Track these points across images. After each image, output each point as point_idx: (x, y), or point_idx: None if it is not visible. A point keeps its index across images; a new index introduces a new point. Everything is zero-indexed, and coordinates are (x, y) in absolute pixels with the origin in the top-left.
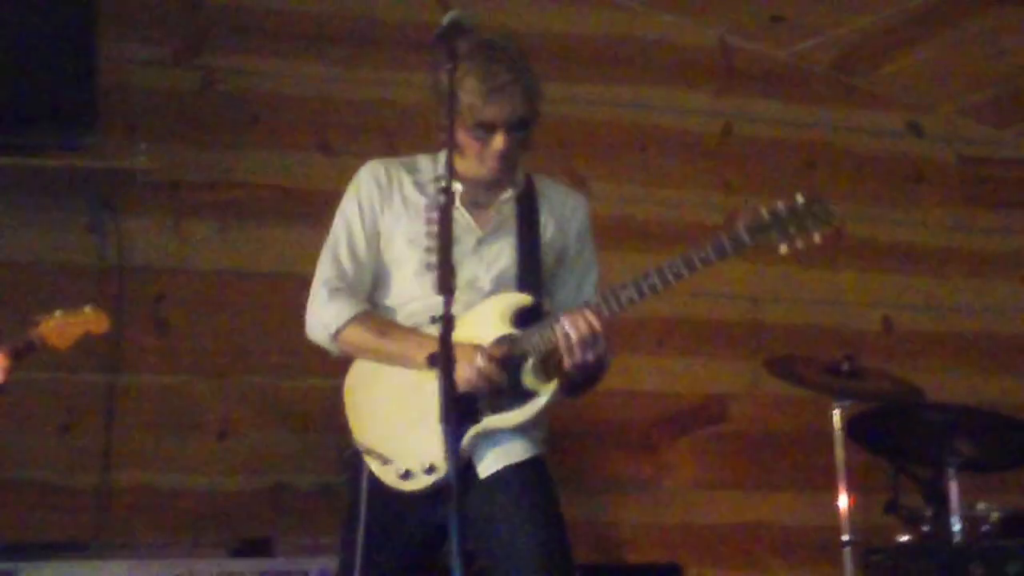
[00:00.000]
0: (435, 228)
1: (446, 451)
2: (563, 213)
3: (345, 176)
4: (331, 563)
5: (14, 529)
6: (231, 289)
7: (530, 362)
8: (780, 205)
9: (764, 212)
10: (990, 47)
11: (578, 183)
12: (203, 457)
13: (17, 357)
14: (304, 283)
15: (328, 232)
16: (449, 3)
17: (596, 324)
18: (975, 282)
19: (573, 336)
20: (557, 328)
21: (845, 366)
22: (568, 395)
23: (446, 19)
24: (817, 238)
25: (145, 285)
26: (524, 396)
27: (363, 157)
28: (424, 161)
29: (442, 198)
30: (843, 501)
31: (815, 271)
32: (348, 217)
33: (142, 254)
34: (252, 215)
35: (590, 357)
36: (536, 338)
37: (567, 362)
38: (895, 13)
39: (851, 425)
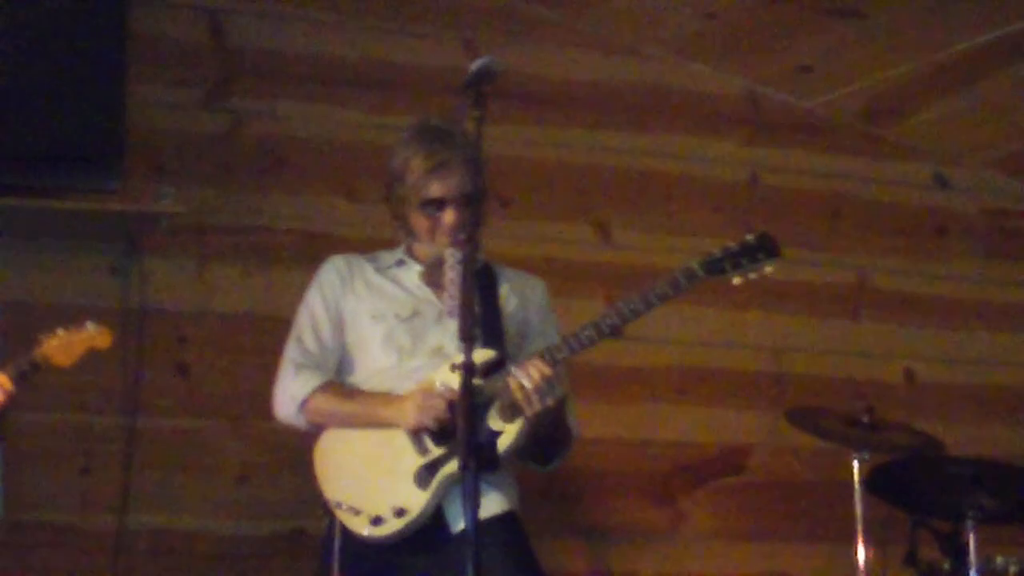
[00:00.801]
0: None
1: (432, 502)
2: (523, 290)
3: (370, 222)
4: None
5: (31, 571)
6: (253, 333)
7: (495, 406)
8: (731, 243)
9: (716, 249)
10: (1017, 99)
11: (601, 231)
12: (222, 501)
13: (22, 379)
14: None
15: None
16: (477, 50)
17: (547, 370)
18: (998, 335)
19: (527, 384)
20: (511, 379)
21: (866, 418)
22: (535, 463)
23: (475, 66)
24: (768, 270)
25: (167, 328)
26: (492, 436)
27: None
28: (385, 254)
29: (459, 254)
30: (861, 554)
31: (837, 322)
32: (311, 305)
33: (165, 297)
34: (276, 259)
35: (548, 403)
36: (498, 384)
37: (526, 411)
38: (922, 65)
39: (871, 477)
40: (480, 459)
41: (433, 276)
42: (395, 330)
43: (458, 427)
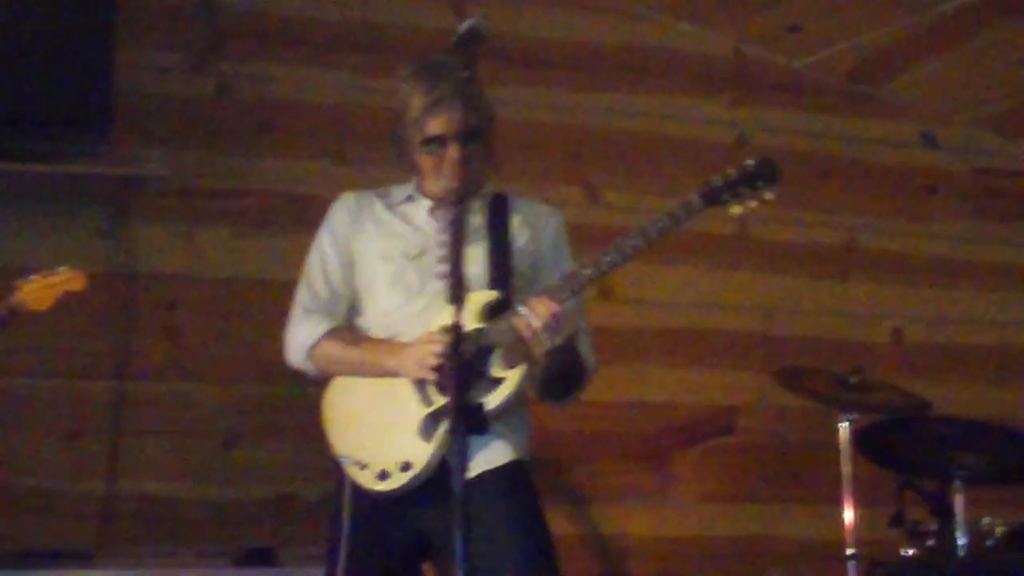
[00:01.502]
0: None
1: (438, 454)
2: (535, 223)
3: (359, 184)
4: None
5: (19, 537)
6: (242, 297)
7: (498, 352)
8: (730, 168)
9: (715, 176)
10: (1005, 58)
11: (591, 192)
12: (209, 466)
13: (1, 326)
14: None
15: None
16: (466, 11)
17: (555, 307)
18: (986, 295)
19: (534, 323)
20: (518, 318)
21: (853, 379)
22: (552, 399)
23: (463, 26)
24: (768, 196)
25: (156, 292)
26: (494, 384)
27: (377, 166)
28: (396, 189)
29: (452, 211)
30: (849, 514)
31: (825, 282)
32: (321, 246)
33: (154, 261)
34: (265, 223)
35: (556, 341)
36: (502, 327)
37: (534, 350)
38: (910, 24)
39: (858, 438)
40: (468, 422)
41: (443, 211)
42: (403, 269)
43: (447, 389)
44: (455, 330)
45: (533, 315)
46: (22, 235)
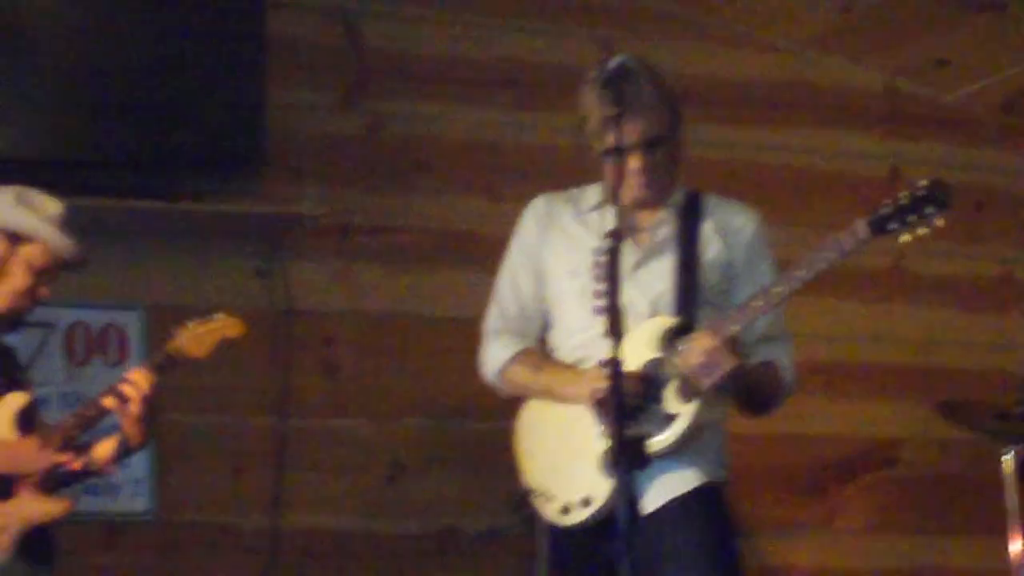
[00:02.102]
0: (600, 270)
1: (614, 492)
2: (728, 230)
3: (511, 221)
4: None
5: (186, 571)
6: (399, 333)
7: (672, 385)
8: (901, 194)
9: (883, 204)
10: None
11: None
12: (372, 500)
13: (158, 371)
14: (471, 327)
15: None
16: (614, 47)
17: (711, 344)
18: None
19: (692, 361)
20: (678, 356)
21: (1017, 410)
22: (749, 413)
23: (612, 63)
24: (939, 221)
25: (314, 329)
26: (667, 421)
27: (528, 201)
28: (591, 191)
29: (609, 242)
30: (1015, 546)
31: (984, 315)
32: (512, 262)
33: (311, 298)
34: (420, 259)
35: (715, 377)
36: (675, 359)
37: (699, 387)
38: None
39: (1023, 469)
40: (629, 459)
41: (629, 220)
42: (589, 286)
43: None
44: (613, 366)
45: (691, 353)
46: (179, 275)
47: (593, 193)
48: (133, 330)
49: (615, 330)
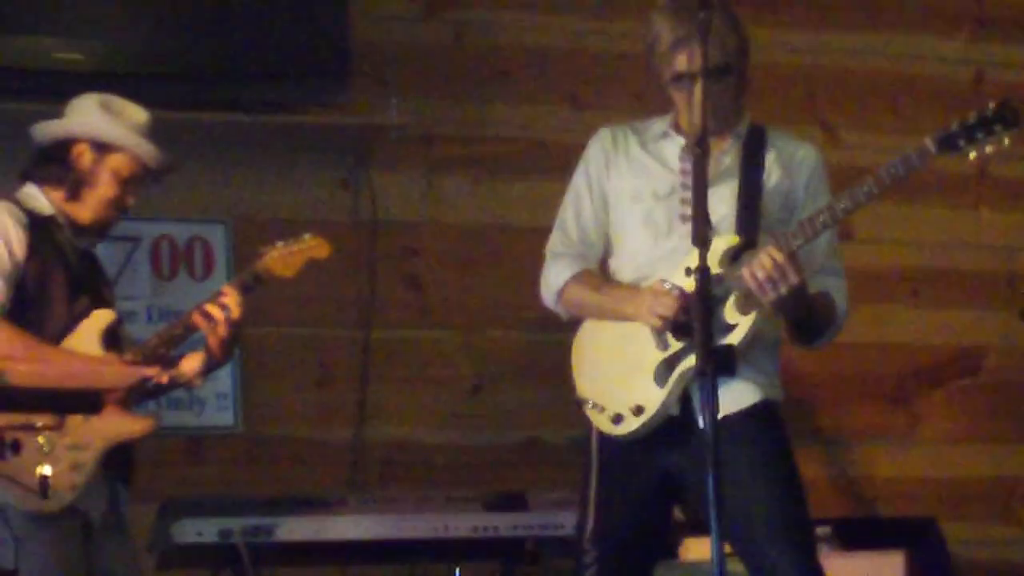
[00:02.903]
0: (687, 179)
1: (668, 400)
2: (791, 162)
3: (594, 129)
4: None
5: (270, 484)
6: (483, 243)
7: (732, 298)
8: (969, 114)
9: (953, 122)
10: None
11: (828, 133)
12: (456, 412)
13: (246, 290)
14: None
15: None
16: None
17: (779, 258)
18: None
19: (759, 274)
20: (744, 268)
21: None
22: (800, 343)
23: None
24: (1006, 141)
25: (398, 240)
26: (728, 329)
27: (612, 111)
28: (656, 122)
29: (696, 150)
30: None
31: None
32: (576, 186)
33: (395, 209)
34: (503, 169)
35: (781, 291)
36: (736, 273)
37: (762, 301)
38: None
39: None
40: (717, 363)
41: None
42: (653, 210)
43: (694, 329)
44: (702, 272)
45: (757, 265)
46: (264, 186)
47: (659, 125)
48: (218, 243)
49: (701, 237)
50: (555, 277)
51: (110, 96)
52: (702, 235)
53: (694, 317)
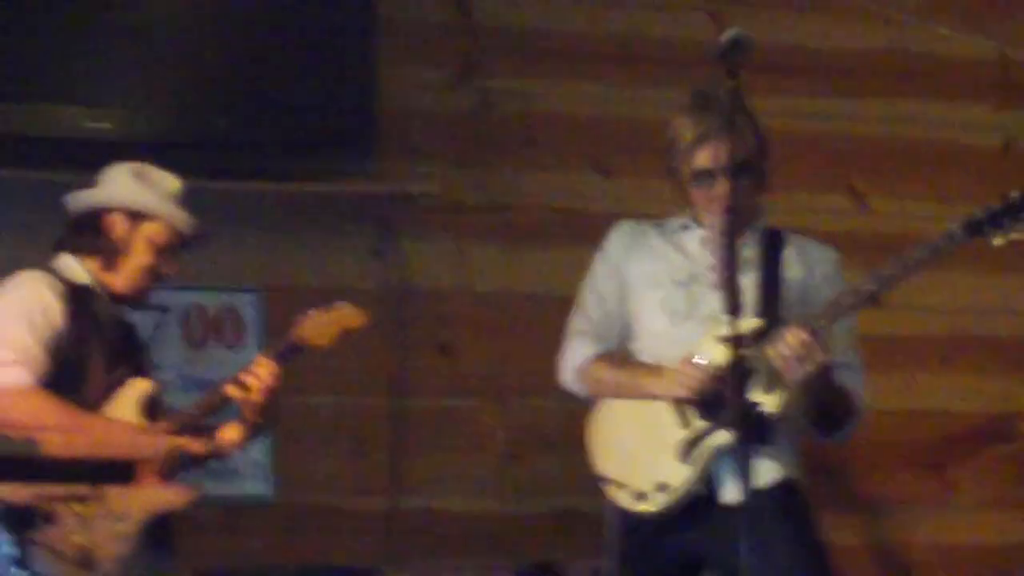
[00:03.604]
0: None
1: (692, 479)
2: (809, 258)
3: (623, 197)
4: None
5: (306, 553)
6: (513, 311)
7: (757, 378)
8: (993, 203)
9: (978, 210)
10: None
11: (856, 199)
12: (490, 480)
13: (281, 360)
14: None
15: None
16: (725, 21)
17: (804, 336)
18: None
19: (785, 352)
20: (769, 347)
21: None
22: (820, 433)
23: (726, 37)
24: None
25: (428, 308)
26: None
27: (640, 177)
28: (672, 220)
29: (724, 223)
30: None
31: None
32: (596, 273)
33: (425, 277)
34: (533, 237)
35: (808, 368)
36: (759, 354)
37: (786, 378)
38: None
39: None
40: (752, 429)
41: (715, 242)
42: (671, 294)
43: (726, 398)
44: (735, 340)
45: (783, 343)
46: (294, 255)
47: (678, 220)
48: (249, 312)
49: (733, 305)
50: (577, 354)
51: (142, 165)
52: (734, 304)
53: (727, 385)
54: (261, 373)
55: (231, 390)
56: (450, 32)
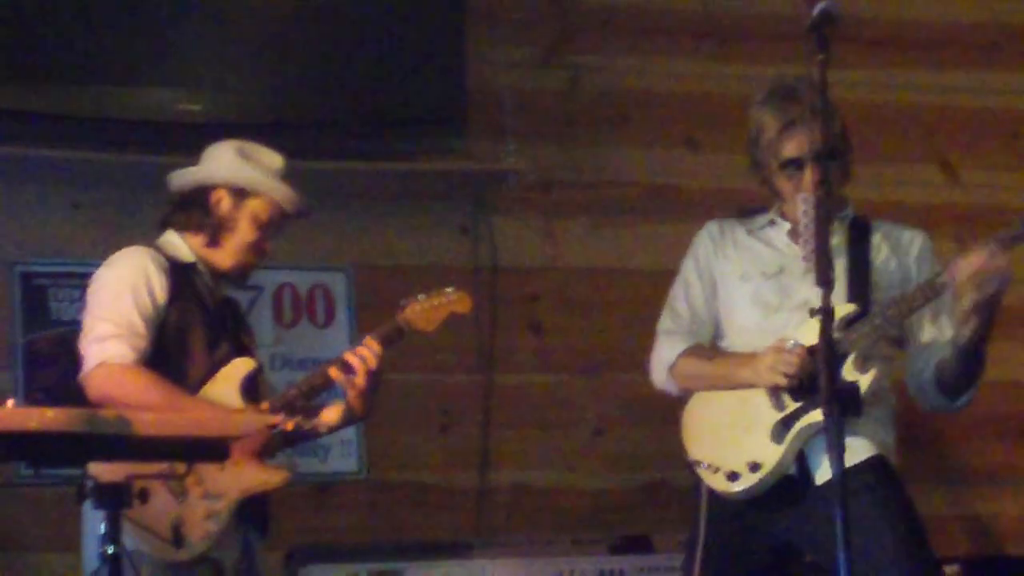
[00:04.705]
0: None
1: (786, 456)
2: (898, 243)
3: (712, 172)
4: None
5: (396, 529)
6: (602, 287)
7: (851, 358)
8: None
9: (1018, 220)
10: None
11: (947, 171)
12: (579, 455)
13: (387, 343)
14: (674, 279)
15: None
16: None
17: (985, 253)
18: None
19: (965, 272)
20: (943, 275)
21: None
22: (948, 394)
23: (817, 10)
24: None
25: (518, 285)
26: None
27: (730, 153)
28: (759, 217)
29: (811, 199)
30: None
31: None
32: (685, 272)
33: (515, 254)
34: (623, 212)
35: (995, 286)
36: (855, 336)
37: (968, 299)
38: None
39: None
40: (843, 404)
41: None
42: (761, 288)
43: (818, 374)
44: (826, 313)
45: (962, 265)
46: (384, 233)
47: (763, 218)
48: (339, 291)
49: (824, 277)
50: (667, 352)
51: (246, 142)
52: (825, 275)
53: (817, 361)
54: (366, 355)
55: (334, 372)
56: (539, 10)
